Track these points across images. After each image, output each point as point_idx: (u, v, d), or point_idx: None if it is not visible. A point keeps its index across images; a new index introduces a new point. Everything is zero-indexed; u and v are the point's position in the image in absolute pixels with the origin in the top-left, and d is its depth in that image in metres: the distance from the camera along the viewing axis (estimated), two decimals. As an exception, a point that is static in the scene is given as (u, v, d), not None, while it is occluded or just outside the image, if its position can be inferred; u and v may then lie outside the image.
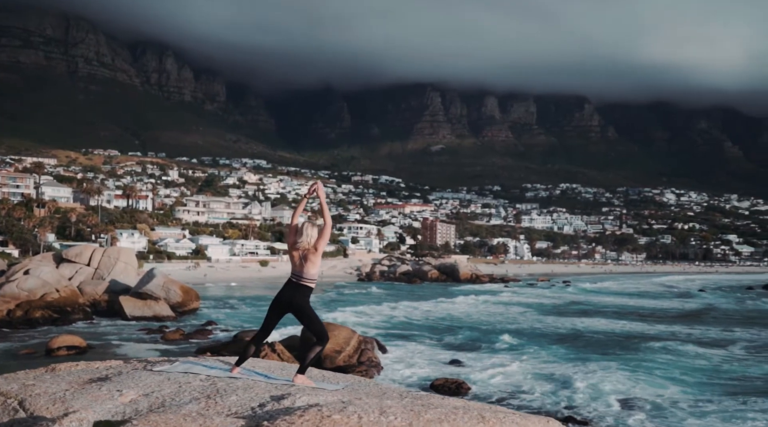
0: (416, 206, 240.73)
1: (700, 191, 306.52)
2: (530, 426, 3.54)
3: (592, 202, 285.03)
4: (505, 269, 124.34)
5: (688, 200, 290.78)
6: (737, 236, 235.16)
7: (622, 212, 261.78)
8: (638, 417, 13.49)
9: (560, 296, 57.39)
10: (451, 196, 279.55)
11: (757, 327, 31.58)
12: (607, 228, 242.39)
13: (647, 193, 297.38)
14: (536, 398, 15.15)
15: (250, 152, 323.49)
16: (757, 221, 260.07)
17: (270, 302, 5.23)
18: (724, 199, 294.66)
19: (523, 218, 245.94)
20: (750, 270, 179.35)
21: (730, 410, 13.84)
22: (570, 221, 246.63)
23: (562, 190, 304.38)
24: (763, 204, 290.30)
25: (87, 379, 4.51)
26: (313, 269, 5.15)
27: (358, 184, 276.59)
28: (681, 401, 14.68)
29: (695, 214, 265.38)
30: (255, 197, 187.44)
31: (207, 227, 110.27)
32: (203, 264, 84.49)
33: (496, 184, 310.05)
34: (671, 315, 39.08)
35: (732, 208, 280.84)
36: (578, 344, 24.94)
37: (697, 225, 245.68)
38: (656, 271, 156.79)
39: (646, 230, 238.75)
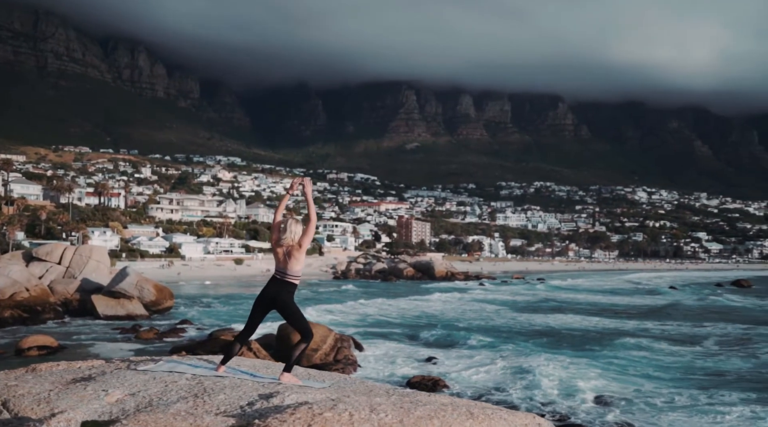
0: (391, 204, 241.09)
1: (670, 190, 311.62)
2: (518, 422, 3.57)
3: (566, 200, 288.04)
4: (480, 266, 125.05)
5: (659, 198, 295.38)
6: (706, 234, 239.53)
7: (595, 210, 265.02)
8: (613, 412, 13.66)
9: (534, 294, 57.88)
10: (427, 195, 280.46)
11: (725, 323, 32.22)
12: (581, 226, 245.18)
13: (619, 191, 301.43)
14: (512, 394, 15.27)
15: (225, 150, 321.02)
16: (725, 219, 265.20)
17: (245, 300, 5.17)
18: (694, 197, 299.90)
19: (497, 215, 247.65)
20: (719, 267, 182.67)
21: (700, 404, 14.07)
22: (544, 218, 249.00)
23: (536, 189, 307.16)
24: (732, 202, 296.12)
25: (70, 379, 4.44)
26: (297, 265, 5.12)
27: (333, 182, 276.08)
28: (655, 396, 14.90)
29: (666, 212, 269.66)
30: (229, 195, 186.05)
31: (181, 225, 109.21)
32: (177, 262, 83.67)
33: (471, 183, 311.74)
34: (643, 311, 39.65)
35: (701, 207, 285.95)
36: (553, 340, 25.19)
37: (667, 223, 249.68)
38: (628, 268, 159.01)
39: (618, 227, 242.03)
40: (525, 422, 3.62)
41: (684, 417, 13.12)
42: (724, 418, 12.94)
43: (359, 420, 3.19)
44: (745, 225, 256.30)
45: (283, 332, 20.21)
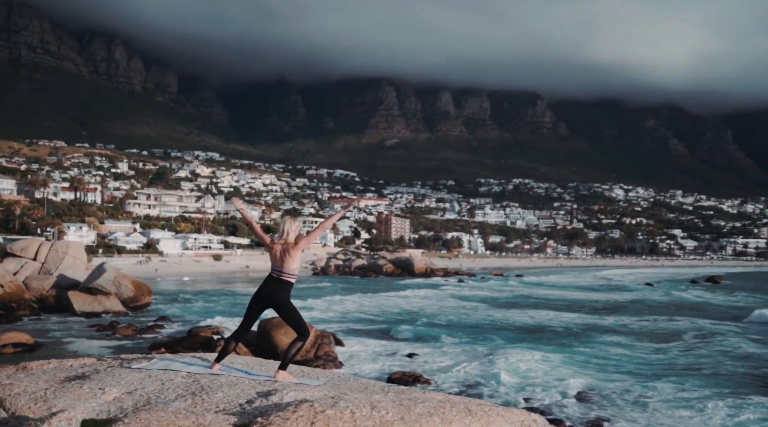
0: (371, 200, 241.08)
1: (647, 187, 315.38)
2: (514, 418, 3.62)
3: (544, 197, 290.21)
4: (459, 262, 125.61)
5: (635, 196, 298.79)
6: (682, 231, 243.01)
7: (572, 207, 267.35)
8: (594, 406, 13.82)
9: (513, 290, 58.30)
10: (406, 191, 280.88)
11: (701, 318, 32.76)
12: (559, 223, 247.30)
13: (597, 188, 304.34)
14: (493, 390, 15.37)
15: (203, 145, 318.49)
16: (700, 216, 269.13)
17: (224, 296, 5.18)
18: (669, 195, 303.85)
19: (476, 212, 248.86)
20: (693, 264, 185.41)
21: (688, 398, 14.28)
22: (522, 215, 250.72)
23: (514, 185, 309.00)
24: (706, 200, 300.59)
25: (63, 377, 4.40)
26: (293, 263, 5.12)
27: (312, 178, 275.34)
28: (632, 391, 15.10)
29: (642, 209, 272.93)
30: (208, 190, 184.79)
31: (159, 221, 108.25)
32: (155, 258, 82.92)
33: (451, 179, 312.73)
34: (621, 308, 40.14)
35: (677, 204, 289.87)
36: (533, 336, 25.40)
37: (644, 220, 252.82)
38: (605, 264, 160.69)
39: (595, 224, 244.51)
40: (521, 418, 3.67)
41: (663, 410, 13.31)
42: (699, 411, 13.17)
43: (361, 418, 3.22)
44: (719, 222, 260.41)
45: (264, 328, 20.14)
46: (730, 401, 13.87)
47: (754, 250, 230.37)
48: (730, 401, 13.87)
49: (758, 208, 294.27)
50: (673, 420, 12.66)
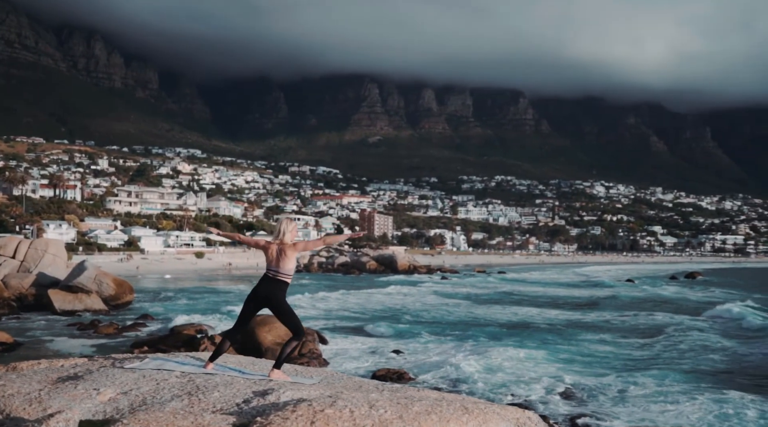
0: (354, 197, 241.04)
1: (627, 184, 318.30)
2: (509, 415, 3.66)
3: (526, 194, 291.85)
4: (442, 259, 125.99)
5: (616, 193, 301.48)
6: (662, 228, 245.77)
7: (554, 204, 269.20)
8: (576, 402, 13.93)
9: (495, 287, 58.56)
10: (389, 188, 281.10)
11: (677, 313, 33.19)
12: (541, 219, 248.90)
13: (578, 185, 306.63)
14: (478, 387, 15.43)
15: (184, 142, 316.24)
16: (679, 212, 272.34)
17: (207, 294, 5.20)
18: (649, 191, 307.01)
19: (459, 209, 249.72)
20: (673, 260, 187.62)
21: (666, 392, 14.44)
22: (505, 212, 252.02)
23: (497, 183, 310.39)
24: (685, 197, 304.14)
25: (56, 377, 4.35)
26: (289, 263, 5.12)
27: (295, 175, 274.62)
28: (613, 386, 15.25)
29: (623, 206, 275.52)
30: (189, 188, 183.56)
31: (140, 218, 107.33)
32: (136, 256, 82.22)
33: (433, 176, 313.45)
34: (602, 304, 40.48)
35: (657, 201, 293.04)
36: (516, 332, 25.54)
37: (624, 217, 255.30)
38: (587, 261, 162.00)
39: (577, 221, 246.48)
40: (516, 415, 3.72)
41: (644, 405, 13.46)
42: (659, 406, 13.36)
43: (360, 416, 3.22)
44: (698, 219, 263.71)
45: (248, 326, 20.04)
46: (708, 395, 14.11)
47: (732, 246, 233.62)
48: (708, 395, 14.11)
49: (736, 206, 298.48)
50: (653, 414, 12.80)
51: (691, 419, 12.44)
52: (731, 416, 12.59)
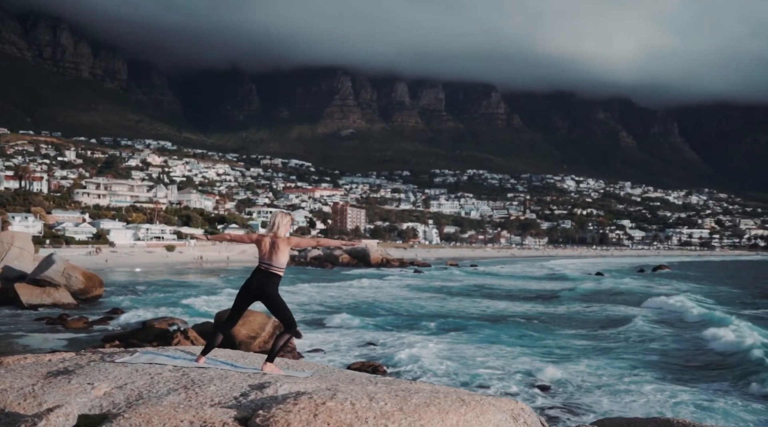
0: (326, 190, 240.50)
1: (597, 178, 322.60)
2: (504, 407, 3.73)
3: (498, 188, 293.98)
4: (414, 253, 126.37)
5: (586, 187, 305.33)
6: (630, 221, 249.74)
7: (525, 198, 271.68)
8: (551, 394, 14.13)
9: (468, 280, 59.00)
10: (361, 181, 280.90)
11: (630, 305, 33.98)
12: (512, 213, 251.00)
13: (549, 179, 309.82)
14: (453, 380, 15.55)
15: (154, 133, 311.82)
16: (647, 207, 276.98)
17: (178, 287, 5.19)
18: (618, 186, 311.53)
19: (431, 203, 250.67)
20: (641, 253, 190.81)
21: (621, 382, 14.71)
22: (477, 206, 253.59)
23: (469, 176, 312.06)
24: (653, 191, 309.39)
25: (45, 372, 4.29)
26: (282, 257, 5.15)
27: (267, 168, 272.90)
28: (582, 376, 15.51)
29: (593, 200, 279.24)
30: (160, 180, 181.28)
31: (109, 211, 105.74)
32: (105, 249, 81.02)
33: (406, 170, 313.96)
34: (573, 296, 41.01)
35: (626, 195, 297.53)
36: (488, 325, 25.77)
37: (594, 211, 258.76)
38: (557, 254, 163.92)
39: (548, 215, 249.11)
40: (510, 407, 3.79)
41: (609, 396, 13.69)
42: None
43: (361, 409, 3.24)
44: (666, 213, 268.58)
45: (221, 319, 19.87)
46: (643, 382, 14.81)
47: (698, 240, 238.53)
48: (644, 382, 14.80)
49: (702, 200, 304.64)
50: (619, 406, 13.02)
51: (631, 407, 12.72)
52: (665, 402, 13.15)
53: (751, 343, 18.73)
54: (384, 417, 3.20)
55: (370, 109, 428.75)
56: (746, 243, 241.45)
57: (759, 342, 18.86)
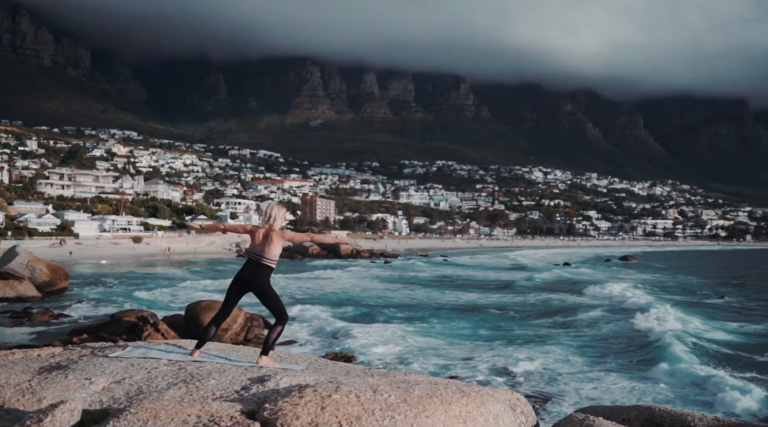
0: (295, 181, 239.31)
1: (564, 170, 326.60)
2: (503, 398, 3.81)
3: (467, 179, 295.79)
4: (384, 244, 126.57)
5: (554, 178, 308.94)
6: (596, 212, 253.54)
7: (494, 189, 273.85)
8: (521, 381, 14.28)
9: (438, 270, 59.32)
10: (330, 172, 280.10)
11: (588, 295, 34.70)
12: (481, 204, 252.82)
13: (517, 171, 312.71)
14: (424, 369, 15.61)
15: (119, 123, 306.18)
16: (613, 198, 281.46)
17: (146, 279, 5.13)
18: (585, 177, 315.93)
19: (401, 194, 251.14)
20: (608, 244, 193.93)
21: (588, 370, 14.93)
22: (446, 197, 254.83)
23: (438, 168, 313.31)
24: (619, 183, 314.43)
25: (38, 367, 4.21)
26: (275, 249, 5.13)
27: (235, 159, 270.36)
28: (552, 364, 15.71)
29: (560, 191, 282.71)
30: (125, 171, 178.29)
31: (73, 202, 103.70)
32: (70, 241, 79.48)
33: (375, 161, 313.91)
34: (543, 286, 41.49)
35: (592, 186, 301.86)
36: (460, 316, 25.95)
37: (561, 202, 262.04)
38: (526, 245, 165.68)
39: (516, 206, 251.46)
40: (508, 397, 3.88)
41: (574, 383, 13.89)
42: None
43: (367, 401, 3.27)
44: (631, 204, 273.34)
45: (192, 311, 19.66)
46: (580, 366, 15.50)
47: (662, 230, 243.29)
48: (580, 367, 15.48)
49: (665, 191, 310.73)
50: (585, 392, 13.21)
51: (556, 391, 13.09)
52: (598, 381, 13.98)
53: (665, 329, 19.88)
54: (390, 409, 3.23)
55: (339, 99, 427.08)
56: (708, 234, 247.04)
57: (675, 328, 20.12)
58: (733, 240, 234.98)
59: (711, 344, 18.50)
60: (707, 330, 21.26)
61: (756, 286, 44.80)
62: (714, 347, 17.95)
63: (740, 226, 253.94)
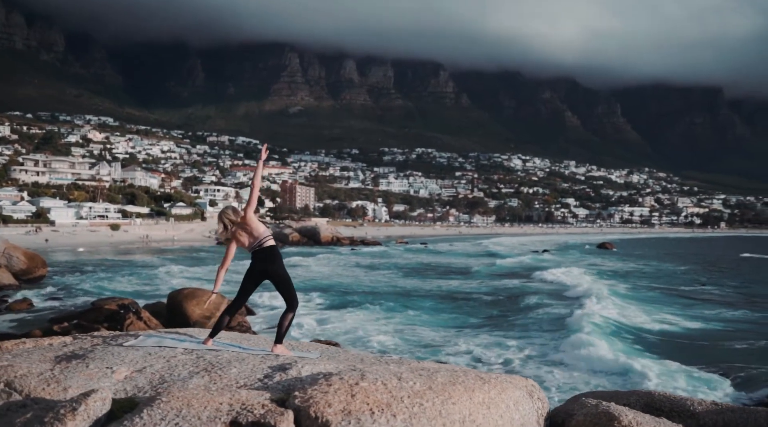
0: (275, 169, 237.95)
1: (543, 157, 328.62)
2: (520, 384, 3.89)
3: (446, 166, 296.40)
4: (364, 231, 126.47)
5: (532, 166, 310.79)
6: (575, 200, 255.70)
7: (473, 177, 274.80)
8: (501, 365, 14.44)
9: (419, 257, 59.47)
10: (310, 159, 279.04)
11: (538, 280, 35.54)
12: (460, 192, 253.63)
13: (497, 158, 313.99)
14: (406, 357, 15.68)
15: (95, 109, 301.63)
16: (591, 185, 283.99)
17: (124, 267, 5.07)
18: (563, 165, 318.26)
19: (380, 181, 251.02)
20: (586, 231, 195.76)
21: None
22: (425, 184, 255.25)
23: (418, 155, 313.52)
24: (597, 170, 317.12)
25: (53, 357, 4.16)
26: (257, 227, 5.10)
27: (213, 145, 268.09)
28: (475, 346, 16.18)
29: (539, 179, 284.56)
30: (102, 157, 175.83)
31: (49, 189, 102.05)
32: (46, 228, 78.29)
33: (355, 148, 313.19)
34: (501, 273, 41.76)
35: (570, 174, 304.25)
36: (443, 304, 26.06)
37: (540, 189, 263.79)
38: (504, 232, 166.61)
39: (495, 193, 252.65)
40: (524, 384, 3.95)
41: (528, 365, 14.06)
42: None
43: (394, 389, 3.30)
44: (608, 192, 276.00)
45: (174, 300, 19.46)
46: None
47: (639, 218, 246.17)
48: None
49: (642, 179, 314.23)
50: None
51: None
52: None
53: (591, 313, 20.64)
54: (417, 396, 3.27)
55: (318, 86, 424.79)
56: (683, 221, 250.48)
57: (607, 315, 20.85)
58: (707, 227, 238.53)
59: (637, 332, 18.86)
60: (641, 319, 21.39)
61: (731, 275, 45.62)
62: (641, 336, 18.27)
63: (715, 213, 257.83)
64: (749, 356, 15.45)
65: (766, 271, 49.47)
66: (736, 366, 14.07)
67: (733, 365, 14.21)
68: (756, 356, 15.28)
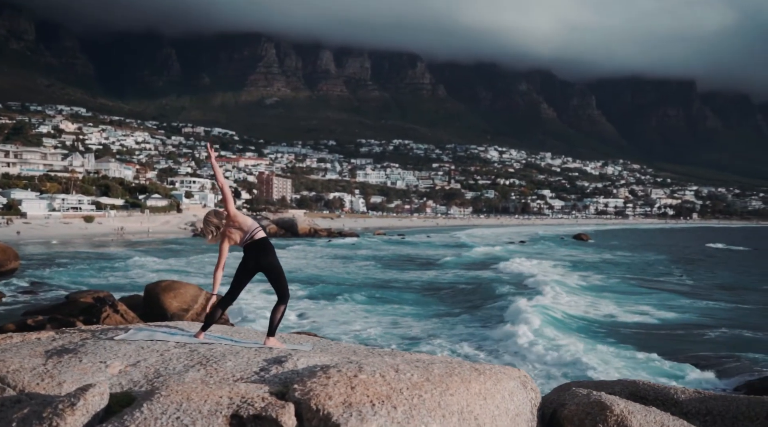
0: (251, 160, 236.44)
1: (519, 149, 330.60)
2: (513, 375, 3.94)
3: (423, 158, 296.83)
4: (342, 222, 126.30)
5: (509, 157, 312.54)
6: (551, 191, 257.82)
7: (450, 168, 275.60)
8: (484, 355, 14.53)
9: (396, 249, 59.64)
10: (287, 150, 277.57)
11: (497, 270, 36.19)
12: (437, 183, 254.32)
13: (473, 150, 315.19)
14: (385, 347, 15.73)
15: (66, 99, 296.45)
16: (566, 177, 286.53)
17: (98, 260, 5.00)
18: (539, 156, 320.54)
19: (357, 172, 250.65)
20: (561, 222, 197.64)
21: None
22: (403, 175, 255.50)
23: (395, 146, 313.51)
24: (572, 162, 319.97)
25: (44, 351, 4.11)
26: (245, 220, 5.09)
27: (189, 136, 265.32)
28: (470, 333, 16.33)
29: (515, 170, 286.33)
30: (74, 148, 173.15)
31: (20, 180, 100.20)
32: (17, 221, 76.94)
33: (331, 139, 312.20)
34: (467, 264, 42.04)
35: (546, 166, 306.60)
36: (424, 295, 26.14)
37: (516, 181, 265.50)
38: (481, 224, 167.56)
39: (472, 185, 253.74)
40: (518, 375, 4.00)
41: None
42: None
43: (392, 380, 3.32)
44: (584, 183, 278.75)
45: (152, 292, 19.26)
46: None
47: (613, 209, 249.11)
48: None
49: (617, 171, 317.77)
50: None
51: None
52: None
53: (537, 304, 21.17)
54: (416, 388, 3.30)
55: (295, 77, 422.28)
56: (657, 212, 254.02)
57: (551, 305, 21.57)
58: (680, 218, 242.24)
59: (578, 321, 19.51)
60: (589, 309, 21.88)
61: (698, 265, 46.43)
62: (579, 324, 18.90)
63: (687, 204, 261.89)
64: (720, 345, 15.76)
65: (727, 261, 50.72)
66: (709, 355, 14.35)
67: (702, 354, 14.52)
68: (728, 346, 15.59)
